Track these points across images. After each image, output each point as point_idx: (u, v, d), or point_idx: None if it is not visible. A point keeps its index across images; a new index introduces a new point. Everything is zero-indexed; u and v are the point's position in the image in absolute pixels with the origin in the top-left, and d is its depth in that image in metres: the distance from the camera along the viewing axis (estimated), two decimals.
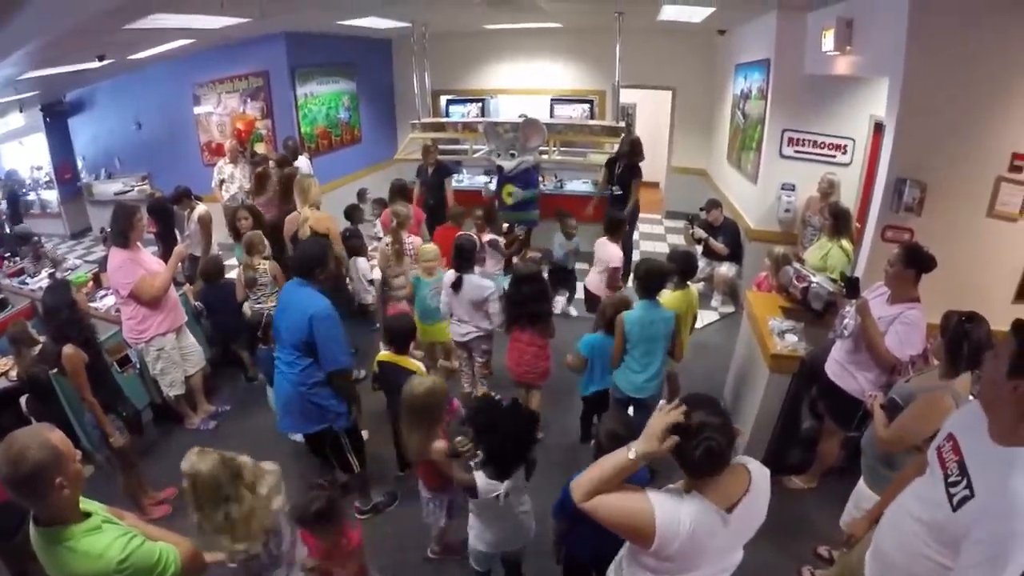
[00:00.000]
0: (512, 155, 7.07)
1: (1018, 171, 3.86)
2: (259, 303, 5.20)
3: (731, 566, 1.97)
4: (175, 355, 4.73)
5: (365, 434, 4.58)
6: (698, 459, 1.72)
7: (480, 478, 2.70)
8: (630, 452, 1.84)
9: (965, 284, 3.79)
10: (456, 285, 4.48)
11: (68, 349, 3.53)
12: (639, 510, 1.82)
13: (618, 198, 7.09)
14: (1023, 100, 3.76)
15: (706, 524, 1.80)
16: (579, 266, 6.73)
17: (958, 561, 1.84)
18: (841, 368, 3.62)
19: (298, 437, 4.23)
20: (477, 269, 4.92)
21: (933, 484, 2.05)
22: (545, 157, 8.41)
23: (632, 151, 7.01)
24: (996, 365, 1.85)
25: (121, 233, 4.35)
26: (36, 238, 7.07)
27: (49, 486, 1.78)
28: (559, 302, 6.60)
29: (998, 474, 1.80)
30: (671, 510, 1.80)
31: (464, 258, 4.50)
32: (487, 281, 4.59)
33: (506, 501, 2.71)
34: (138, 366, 4.80)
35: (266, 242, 5.27)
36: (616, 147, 7.43)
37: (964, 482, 1.90)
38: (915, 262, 3.21)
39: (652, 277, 3.86)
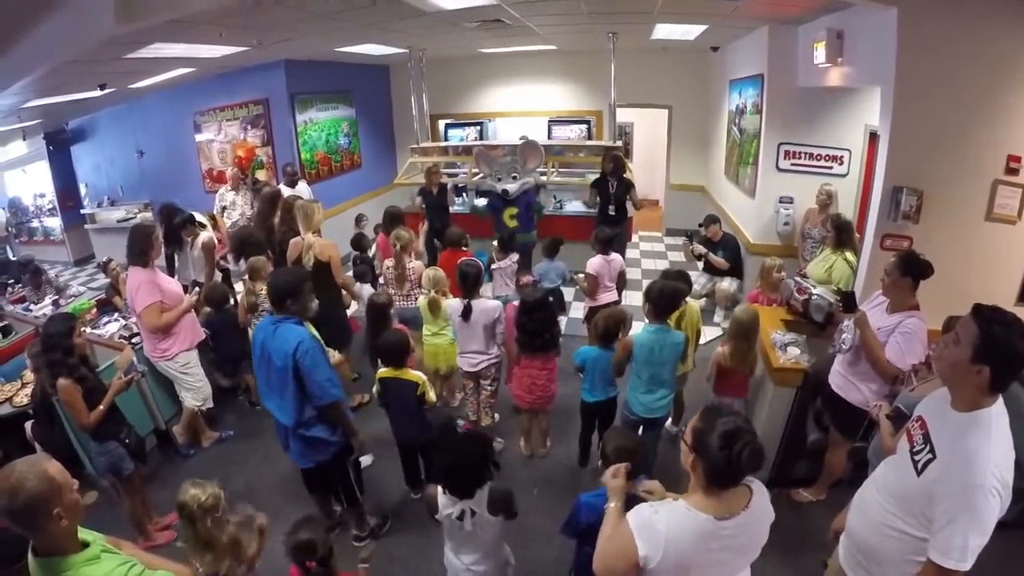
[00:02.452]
0: (514, 177, 7.09)
1: (1014, 173, 3.88)
2: None
3: None
4: (200, 371, 4.78)
5: (368, 459, 4.57)
6: (744, 461, 1.72)
7: (441, 495, 2.68)
8: (608, 504, 2.12)
9: (967, 288, 3.75)
10: (466, 314, 4.44)
11: (62, 382, 3.49)
12: (620, 539, 1.87)
13: (615, 218, 7.11)
14: (1016, 102, 3.79)
15: (689, 529, 1.79)
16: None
17: (932, 527, 1.96)
18: (844, 380, 3.60)
19: None
20: (489, 289, 4.92)
21: (900, 457, 2.22)
22: (544, 179, 8.48)
23: (616, 167, 7.06)
24: (958, 350, 1.98)
25: (141, 253, 4.39)
26: (36, 265, 7.08)
27: (47, 517, 1.78)
28: None
29: (957, 435, 1.97)
30: (645, 520, 1.84)
31: (470, 285, 4.47)
32: (493, 301, 4.58)
33: (468, 524, 2.66)
34: (148, 391, 4.82)
35: (269, 267, 5.27)
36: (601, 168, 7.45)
37: (927, 447, 2.07)
38: (911, 270, 3.19)
39: (665, 299, 3.77)
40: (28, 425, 4.38)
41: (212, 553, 2.60)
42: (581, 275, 5.69)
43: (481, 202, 8.16)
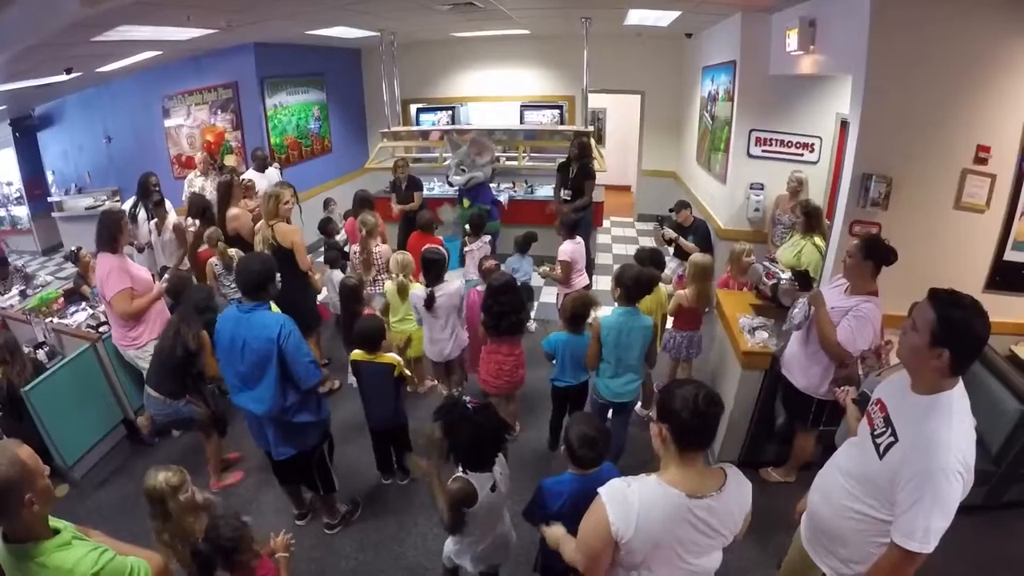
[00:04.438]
0: (463, 170, 7.06)
1: (983, 163, 3.93)
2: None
3: (709, 569, 1.98)
4: None
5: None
6: (704, 405, 1.76)
7: (473, 477, 2.65)
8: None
9: (935, 276, 3.77)
10: (429, 303, 4.43)
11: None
12: (594, 514, 1.90)
13: (570, 203, 7.09)
14: (986, 92, 3.83)
15: (659, 504, 1.82)
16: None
17: (895, 510, 1.98)
18: (793, 362, 3.68)
19: None
20: (460, 273, 4.90)
21: (861, 440, 2.24)
22: (516, 164, 8.45)
23: (581, 153, 7.06)
24: (916, 336, 2.00)
25: (110, 238, 4.33)
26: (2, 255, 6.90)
27: (19, 502, 1.77)
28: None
29: (919, 418, 1.99)
30: (618, 493, 1.87)
31: (434, 272, 4.46)
32: (456, 283, 4.56)
33: (499, 494, 2.71)
34: (117, 381, 4.76)
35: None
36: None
37: (889, 431, 2.09)
38: (873, 253, 3.22)
39: (640, 285, 3.81)
40: None
41: (183, 534, 2.69)
42: (546, 267, 5.70)
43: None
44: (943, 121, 3.92)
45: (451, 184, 7.02)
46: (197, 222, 5.96)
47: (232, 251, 5.51)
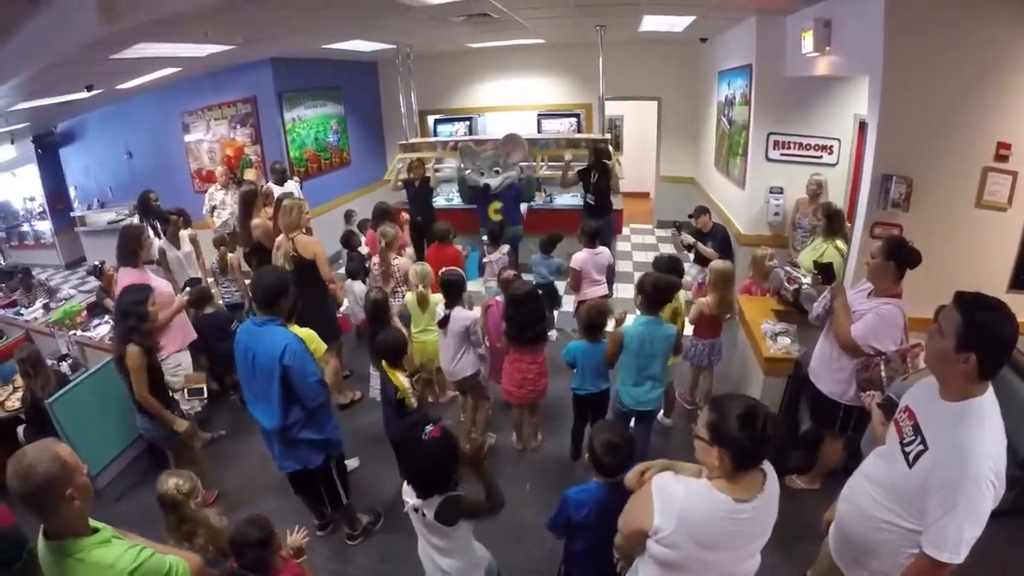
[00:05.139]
0: (496, 171, 7.05)
1: (1004, 160, 3.88)
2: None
3: (748, 573, 1.98)
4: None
5: (355, 461, 4.55)
6: (769, 433, 1.76)
7: (405, 486, 2.66)
8: None
9: (958, 276, 3.76)
10: (443, 322, 4.41)
11: (132, 348, 3.64)
12: (642, 498, 1.94)
13: (593, 208, 7.10)
14: (1006, 88, 3.79)
15: (703, 508, 1.82)
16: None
17: (925, 519, 1.95)
18: (818, 366, 3.63)
19: None
20: (480, 283, 4.93)
21: (890, 449, 2.20)
22: (533, 171, 8.45)
23: (598, 159, 7.05)
24: (943, 340, 1.96)
25: (131, 253, 4.44)
26: (21, 272, 7.03)
27: (60, 497, 1.82)
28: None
29: (949, 426, 1.95)
30: (666, 488, 1.89)
31: (454, 293, 4.45)
32: (469, 312, 4.55)
33: (422, 522, 2.65)
34: None
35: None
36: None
37: (918, 439, 2.05)
38: (895, 254, 3.18)
39: (659, 292, 3.77)
40: (20, 429, 4.37)
41: (194, 539, 2.75)
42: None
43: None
44: (962, 119, 3.87)
45: (486, 188, 7.00)
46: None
47: (231, 255, 5.92)
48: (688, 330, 4.85)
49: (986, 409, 1.94)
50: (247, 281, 5.99)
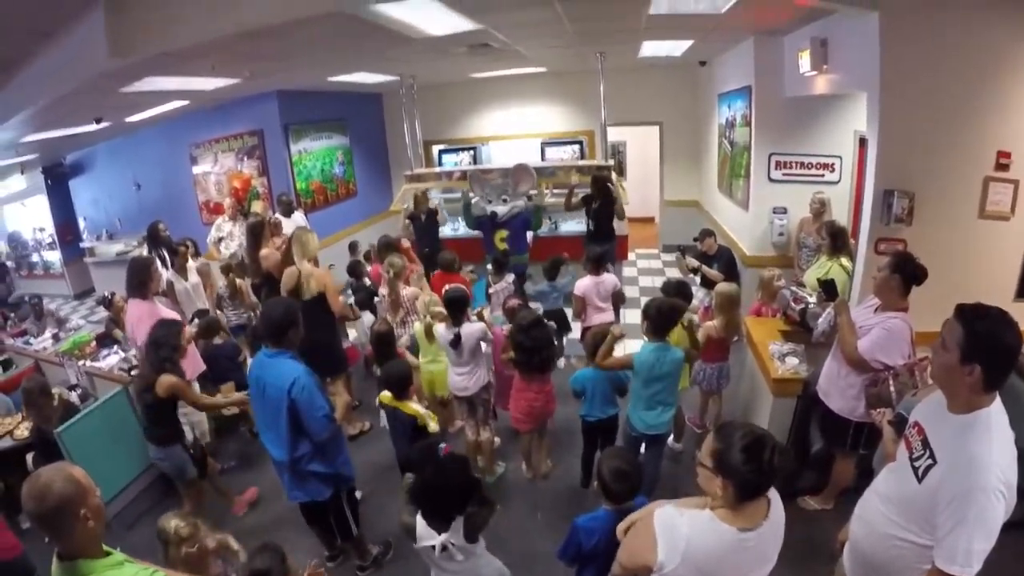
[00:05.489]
0: (504, 200, 7.09)
1: (1005, 169, 3.87)
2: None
3: None
4: None
5: (358, 494, 4.52)
6: (776, 467, 1.73)
7: (420, 523, 2.62)
8: None
9: (964, 288, 3.72)
10: (455, 342, 4.39)
11: (167, 378, 3.79)
12: (643, 535, 1.90)
13: (595, 235, 7.10)
14: (1003, 97, 3.79)
15: (710, 541, 1.79)
16: None
17: (936, 533, 1.92)
18: (828, 385, 3.61)
19: None
20: (488, 312, 4.97)
21: (900, 465, 2.19)
22: (540, 198, 8.48)
23: (599, 188, 7.06)
24: (946, 354, 1.96)
25: (140, 284, 4.47)
26: (28, 301, 7.10)
27: (74, 518, 1.85)
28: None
29: (957, 439, 1.94)
30: (669, 522, 1.86)
31: (459, 310, 4.44)
32: (478, 323, 4.55)
33: (444, 555, 2.59)
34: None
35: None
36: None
37: (927, 453, 2.04)
38: (900, 268, 3.19)
39: (663, 316, 3.76)
40: (30, 457, 4.38)
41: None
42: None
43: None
44: (961, 130, 3.87)
45: (493, 215, 7.02)
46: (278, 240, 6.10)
47: (240, 281, 6.07)
48: None
49: (993, 419, 1.93)
50: (254, 306, 6.25)
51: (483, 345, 4.48)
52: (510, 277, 6.16)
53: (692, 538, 1.79)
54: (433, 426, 3.77)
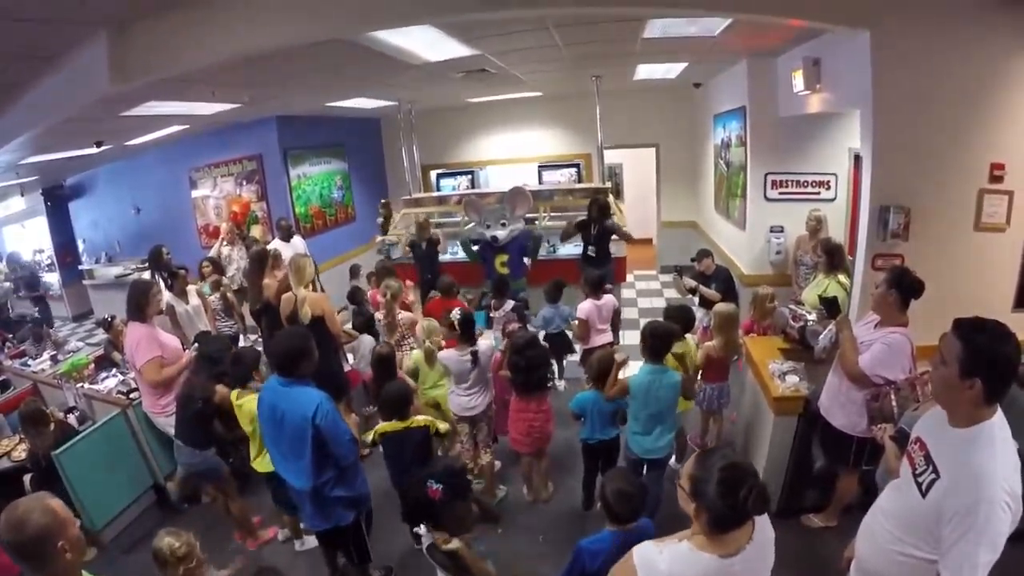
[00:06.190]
0: (503, 224, 7.11)
1: (999, 180, 3.90)
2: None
3: None
4: None
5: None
6: (751, 507, 1.69)
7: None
8: None
9: (962, 300, 3.74)
10: (475, 361, 4.35)
11: (223, 388, 4.02)
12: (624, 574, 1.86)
13: (593, 259, 7.08)
14: (994, 109, 3.84)
15: (692, 573, 1.76)
16: None
17: (941, 546, 1.91)
18: (828, 400, 3.60)
19: None
20: (490, 336, 4.99)
21: (904, 480, 2.18)
22: (538, 224, 8.50)
23: (601, 214, 7.03)
24: (945, 369, 1.96)
25: (138, 308, 4.45)
26: (31, 321, 7.10)
27: (52, 549, 1.83)
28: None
29: (960, 452, 1.93)
30: (649, 559, 1.83)
31: (470, 330, 4.43)
32: (485, 340, 4.55)
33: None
34: (147, 446, 4.80)
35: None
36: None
37: (930, 468, 2.03)
38: (897, 282, 3.19)
39: (658, 339, 3.76)
40: (27, 479, 4.35)
41: None
42: (575, 320, 5.67)
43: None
44: (954, 144, 3.91)
45: (493, 240, 7.03)
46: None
47: (231, 294, 6.35)
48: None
49: (996, 431, 1.92)
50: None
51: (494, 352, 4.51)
52: (510, 304, 6.16)
53: (673, 573, 1.76)
54: (444, 426, 3.80)
